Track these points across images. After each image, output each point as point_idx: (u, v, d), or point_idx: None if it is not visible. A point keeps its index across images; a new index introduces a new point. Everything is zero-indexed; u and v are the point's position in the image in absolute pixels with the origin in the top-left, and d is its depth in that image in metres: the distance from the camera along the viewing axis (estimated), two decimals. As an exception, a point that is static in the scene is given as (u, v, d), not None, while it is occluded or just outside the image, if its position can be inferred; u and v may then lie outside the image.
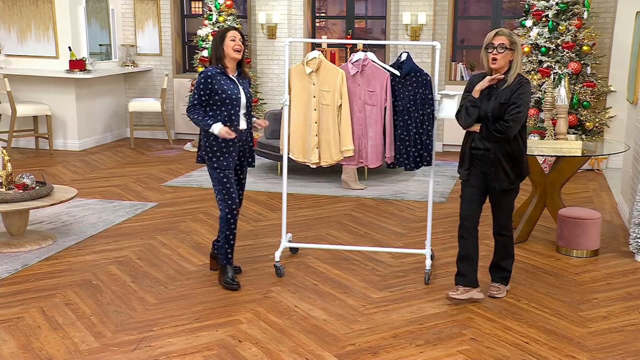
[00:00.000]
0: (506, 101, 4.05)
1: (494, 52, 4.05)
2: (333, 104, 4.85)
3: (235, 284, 4.54)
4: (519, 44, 4.08)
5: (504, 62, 4.07)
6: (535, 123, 7.78)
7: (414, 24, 9.29)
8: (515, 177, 4.20)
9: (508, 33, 4.08)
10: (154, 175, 7.93)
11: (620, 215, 6.40)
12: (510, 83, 4.07)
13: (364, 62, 4.85)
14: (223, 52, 4.43)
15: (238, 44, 4.42)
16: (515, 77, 4.09)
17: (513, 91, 4.04)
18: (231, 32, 4.44)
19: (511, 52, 4.06)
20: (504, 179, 4.16)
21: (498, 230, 4.36)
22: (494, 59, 4.06)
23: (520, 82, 4.07)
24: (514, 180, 4.19)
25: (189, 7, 10.97)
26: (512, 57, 4.08)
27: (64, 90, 9.28)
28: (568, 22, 8.00)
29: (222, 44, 4.42)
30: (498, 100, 4.08)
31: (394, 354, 3.68)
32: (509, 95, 4.05)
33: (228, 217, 4.51)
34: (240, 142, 4.56)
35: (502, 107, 4.06)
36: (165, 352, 3.68)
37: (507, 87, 4.08)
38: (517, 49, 4.07)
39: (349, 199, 6.95)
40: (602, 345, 3.80)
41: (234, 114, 4.44)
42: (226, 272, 4.59)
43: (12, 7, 9.41)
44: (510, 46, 4.04)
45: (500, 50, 4.03)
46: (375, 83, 4.82)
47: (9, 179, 5.33)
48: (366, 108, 4.85)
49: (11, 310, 4.20)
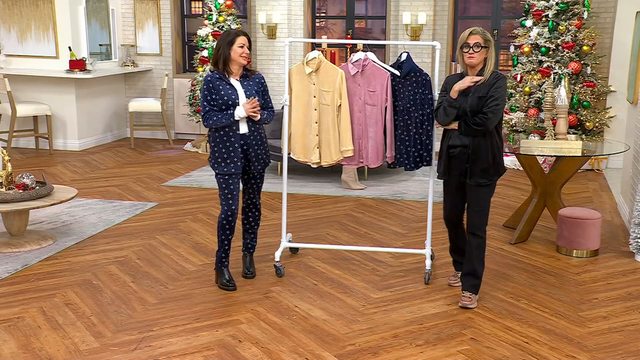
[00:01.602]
0: (484, 95, 4.13)
1: (469, 52, 4.15)
2: (333, 104, 4.85)
3: (231, 285, 4.54)
4: (492, 42, 4.19)
5: (480, 60, 4.17)
6: (535, 123, 7.79)
7: (414, 24, 9.30)
8: (493, 173, 4.23)
9: (482, 31, 4.17)
10: (154, 175, 7.94)
11: (620, 215, 6.40)
12: (487, 78, 4.17)
13: (364, 62, 4.85)
14: (230, 56, 4.42)
15: (246, 51, 4.41)
16: (491, 73, 4.19)
17: (490, 85, 4.13)
18: (241, 39, 4.40)
19: (486, 50, 4.16)
20: (480, 174, 4.19)
21: (471, 229, 4.31)
22: (470, 57, 4.16)
23: (497, 77, 4.16)
24: (491, 175, 4.22)
25: (189, 7, 10.97)
26: (486, 55, 4.18)
27: (64, 90, 9.28)
28: (568, 22, 8.00)
29: (230, 48, 4.40)
30: (476, 94, 4.15)
31: (394, 354, 3.68)
32: (487, 90, 4.13)
33: (223, 222, 4.51)
34: (245, 147, 4.49)
35: (481, 101, 4.13)
36: (165, 352, 3.68)
37: (484, 82, 4.17)
38: (491, 47, 4.17)
39: (349, 199, 6.95)
40: (602, 345, 3.80)
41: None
42: (222, 274, 4.60)
43: (12, 7, 9.42)
44: (485, 44, 4.14)
45: (476, 49, 4.13)
46: (375, 83, 4.82)
47: (9, 179, 5.33)
48: (366, 108, 4.85)
49: (11, 310, 4.20)
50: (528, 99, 8.18)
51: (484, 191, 4.26)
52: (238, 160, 4.46)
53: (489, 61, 4.19)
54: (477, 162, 4.20)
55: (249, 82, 4.51)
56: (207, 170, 8.15)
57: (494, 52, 4.20)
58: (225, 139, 4.44)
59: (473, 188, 4.25)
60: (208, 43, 9.16)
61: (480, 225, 4.28)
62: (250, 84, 4.51)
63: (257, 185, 4.70)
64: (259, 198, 4.76)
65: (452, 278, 4.68)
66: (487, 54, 4.18)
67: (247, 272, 4.77)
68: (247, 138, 4.49)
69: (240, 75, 4.49)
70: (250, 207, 4.74)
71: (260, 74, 4.64)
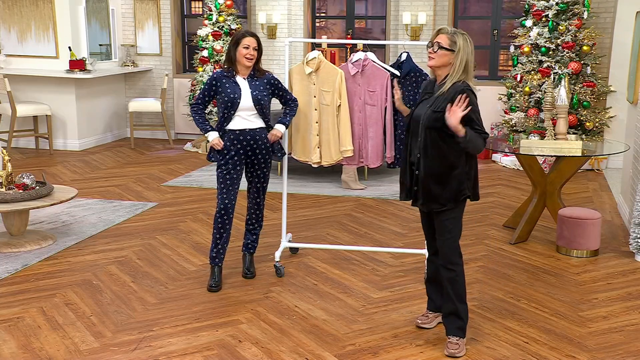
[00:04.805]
0: (439, 109, 3.51)
1: (429, 50, 3.57)
2: (333, 104, 4.86)
3: (214, 287, 4.51)
4: (463, 47, 3.51)
5: (440, 63, 3.55)
6: (535, 123, 7.79)
7: (414, 24, 9.30)
8: (448, 198, 3.59)
9: (451, 32, 3.54)
10: (154, 175, 7.93)
11: (620, 215, 6.40)
12: (446, 90, 3.53)
13: (364, 62, 4.86)
14: (235, 57, 4.44)
15: (250, 52, 4.41)
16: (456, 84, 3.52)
17: (448, 99, 3.48)
18: (246, 40, 4.40)
19: (449, 53, 3.52)
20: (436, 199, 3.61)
21: (442, 262, 3.71)
22: (429, 58, 3.58)
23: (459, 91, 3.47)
24: (445, 201, 3.60)
25: (189, 7, 10.97)
26: (451, 60, 3.53)
27: (64, 90, 9.28)
28: (568, 22, 8.00)
29: (236, 49, 4.43)
30: (431, 107, 3.56)
31: (394, 354, 3.68)
32: (443, 104, 3.49)
33: (216, 216, 4.54)
34: (245, 144, 4.49)
35: (434, 116, 3.53)
36: (165, 352, 3.68)
37: (442, 94, 3.55)
38: (460, 52, 3.50)
39: (349, 199, 6.95)
40: (602, 345, 3.80)
41: (228, 116, 4.45)
42: (211, 274, 4.61)
43: (12, 7, 9.41)
44: (450, 46, 3.50)
45: (435, 48, 3.53)
46: (375, 83, 4.82)
47: (9, 179, 5.33)
48: (366, 108, 4.85)
49: (11, 310, 4.20)
50: (528, 99, 8.19)
51: (444, 218, 3.65)
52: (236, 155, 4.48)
53: (454, 69, 3.52)
54: (427, 186, 3.61)
55: (256, 81, 4.51)
56: (207, 170, 8.15)
57: (466, 59, 3.51)
58: (221, 133, 4.50)
59: (433, 214, 3.70)
60: (208, 43, 9.16)
61: (450, 256, 3.66)
62: (257, 83, 4.50)
63: (261, 186, 4.69)
64: (263, 199, 4.75)
65: (421, 318, 4.00)
66: (453, 60, 3.52)
67: (247, 272, 4.77)
68: (248, 134, 4.50)
69: (248, 74, 4.50)
70: (255, 209, 4.75)
71: (271, 74, 4.61)
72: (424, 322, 3.99)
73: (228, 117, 4.45)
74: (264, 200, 4.77)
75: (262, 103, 4.48)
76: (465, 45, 3.53)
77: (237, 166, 4.50)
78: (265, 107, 4.51)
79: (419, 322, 4.00)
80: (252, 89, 4.47)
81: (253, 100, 4.45)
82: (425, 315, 4.03)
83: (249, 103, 4.45)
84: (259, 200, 4.73)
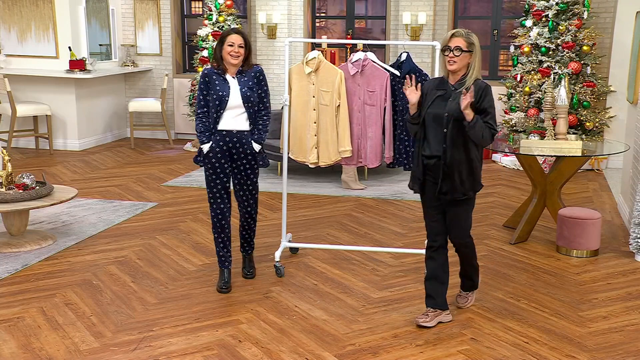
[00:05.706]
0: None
1: (450, 55, 3.77)
2: (332, 104, 4.86)
3: (224, 289, 4.51)
4: (477, 46, 3.80)
5: (462, 65, 3.79)
6: (535, 123, 7.79)
7: (414, 24, 9.30)
8: (469, 188, 3.87)
9: (465, 34, 3.79)
10: (154, 175, 7.94)
11: (620, 215, 6.40)
12: (469, 87, 3.76)
13: (363, 62, 4.86)
14: (221, 55, 4.43)
15: (235, 50, 4.35)
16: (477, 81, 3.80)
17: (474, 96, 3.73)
18: (231, 37, 4.37)
19: (469, 55, 3.78)
20: (459, 188, 3.85)
21: (455, 239, 4.04)
22: (450, 62, 3.78)
23: (481, 87, 3.78)
24: (466, 190, 3.87)
25: (189, 7, 10.97)
26: (469, 60, 3.79)
27: (64, 90, 9.28)
28: (568, 22, 8.00)
29: (221, 47, 4.40)
30: (456, 100, 3.77)
31: (394, 354, 3.68)
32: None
33: (214, 221, 4.53)
34: (230, 145, 4.43)
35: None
36: (165, 352, 3.68)
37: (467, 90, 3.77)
38: (475, 51, 3.79)
39: (349, 199, 6.95)
40: (602, 345, 3.80)
41: (218, 115, 4.41)
42: (221, 275, 4.60)
43: (12, 7, 9.41)
44: (468, 48, 3.76)
45: (457, 53, 3.75)
46: (375, 83, 4.82)
47: (9, 179, 5.33)
48: (366, 108, 4.85)
49: (11, 310, 4.20)
50: (528, 99, 8.18)
51: (462, 207, 3.93)
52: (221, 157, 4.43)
53: (472, 68, 3.79)
54: (454, 174, 3.83)
55: (244, 77, 4.46)
56: (207, 170, 8.14)
57: (479, 57, 3.81)
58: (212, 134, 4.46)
59: (450, 203, 3.92)
60: (208, 43, 9.16)
61: (463, 237, 4.01)
62: (245, 79, 4.45)
63: (251, 196, 4.58)
64: (255, 207, 4.64)
65: (421, 316, 4.04)
66: (471, 59, 3.79)
67: (246, 272, 4.77)
68: (234, 136, 4.43)
69: (236, 72, 4.48)
70: (246, 217, 4.67)
71: (259, 66, 4.53)
72: (425, 321, 3.99)
73: (218, 117, 4.41)
74: (256, 209, 4.66)
75: (251, 100, 4.41)
76: (478, 44, 3.83)
77: (223, 165, 4.44)
78: (254, 105, 4.43)
79: (419, 320, 4.00)
80: (240, 86, 4.41)
81: (242, 97, 4.39)
82: (426, 314, 4.03)
83: (237, 101, 4.39)
84: (251, 210, 4.63)
